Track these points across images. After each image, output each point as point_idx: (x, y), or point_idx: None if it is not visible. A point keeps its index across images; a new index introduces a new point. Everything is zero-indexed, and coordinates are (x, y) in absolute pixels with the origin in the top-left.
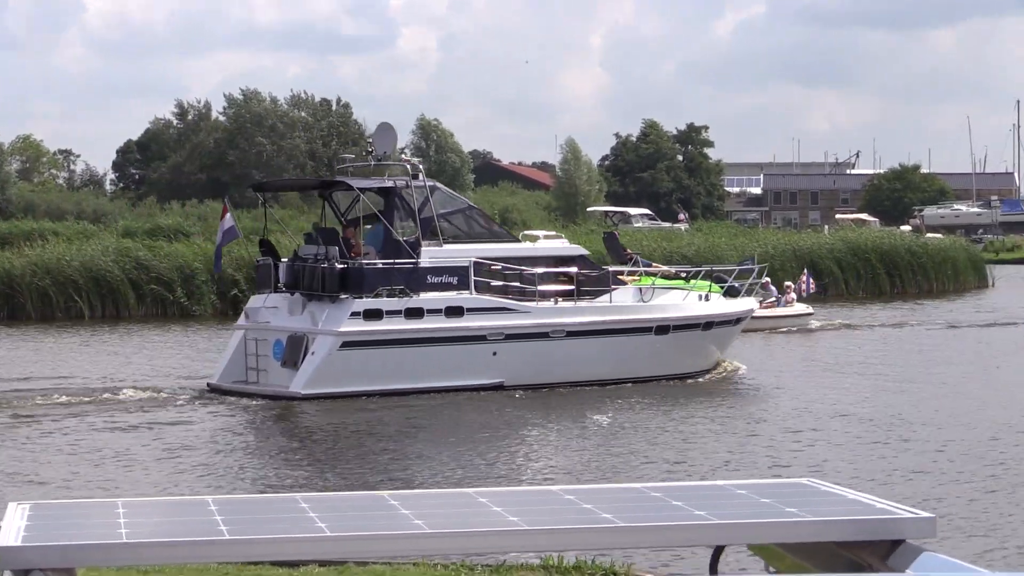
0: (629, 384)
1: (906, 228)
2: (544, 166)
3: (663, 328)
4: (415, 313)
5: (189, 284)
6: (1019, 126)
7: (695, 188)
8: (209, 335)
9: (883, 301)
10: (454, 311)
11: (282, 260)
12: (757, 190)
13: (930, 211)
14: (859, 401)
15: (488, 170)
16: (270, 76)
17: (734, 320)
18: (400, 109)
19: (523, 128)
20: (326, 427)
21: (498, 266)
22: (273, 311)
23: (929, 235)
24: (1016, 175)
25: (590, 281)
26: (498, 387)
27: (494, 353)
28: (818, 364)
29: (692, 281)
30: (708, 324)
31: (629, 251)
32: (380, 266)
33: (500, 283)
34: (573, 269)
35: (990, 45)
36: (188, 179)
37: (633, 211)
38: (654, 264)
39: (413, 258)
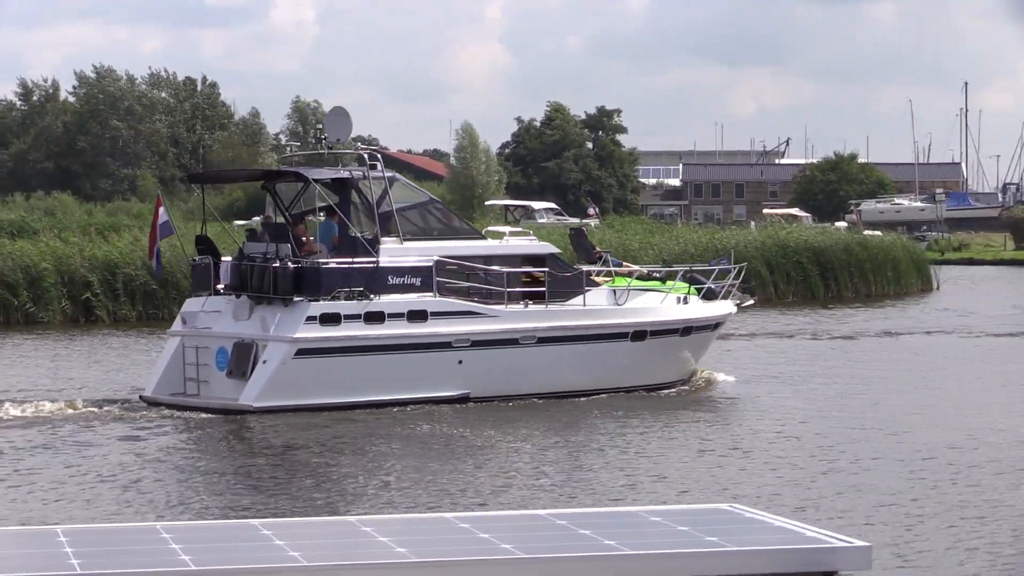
0: (603, 396)
1: (842, 224)
2: (437, 155)
3: (639, 334)
4: (375, 318)
5: (35, 288)
6: (967, 111)
7: (606, 179)
8: (129, 343)
9: (816, 306)
10: (417, 315)
11: (224, 258)
12: (675, 182)
13: (868, 205)
14: (806, 418)
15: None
16: (125, 51)
17: (713, 325)
18: (273, 89)
19: (413, 112)
20: (279, 444)
21: (462, 266)
22: (215, 316)
23: (867, 232)
24: (963, 166)
25: (561, 282)
26: (463, 399)
27: (459, 362)
28: (797, 373)
29: (668, 282)
30: (687, 329)
31: (599, 249)
32: (337, 266)
33: (465, 284)
34: (543, 269)
35: (936, 21)
36: (33, 168)
37: (537, 205)
38: (625, 264)
39: (371, 256)
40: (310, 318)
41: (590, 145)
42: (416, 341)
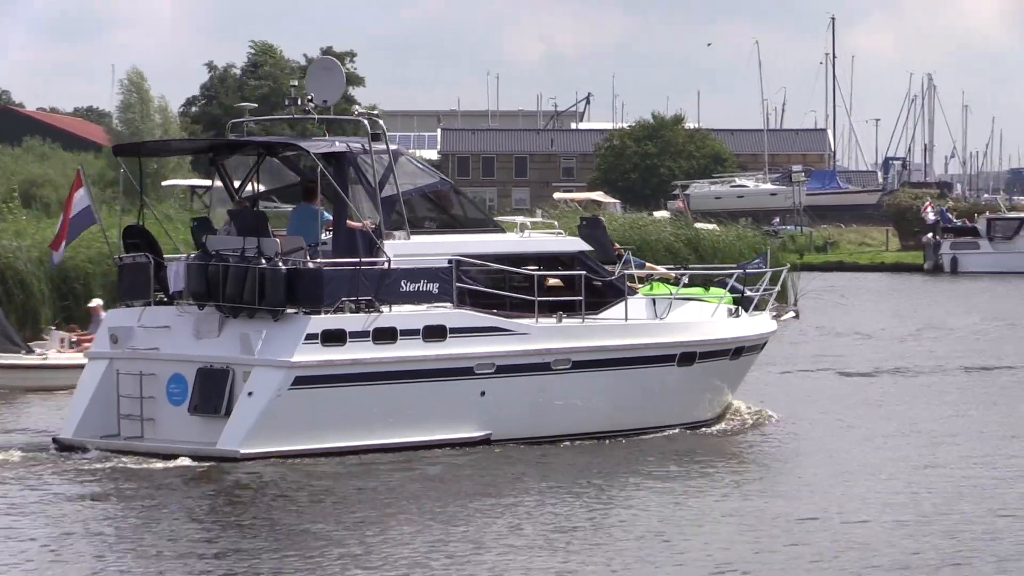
0: (646, 436)
1: (663, 214)
2: (93, 114)
3: (688, 356)
4: (386, 335)
5: None
6: (834, 57)
7: None
8: None
9: None
10: (435, 332)
11: (173, 257)
12: (432, 153)
13: (699, 188)
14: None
15: (5, 120)
16: None
17: (761, 346)
18: None
19: (59, 55)
20: (274, 506)
21: (487, 267)
22: (161, 332)
23: (698, 225)
24: (830, 133)
25: (598, 289)
26: (483, 441)
27: (482, 393)
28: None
29: (713, 289)
30: (738, 351)
31: (618, 246)
32: (341, 268)
33: (493, 292)
34: (579, 272)
35: None
36: None
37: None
38: (648, 264)
39: (372, 255)
40: (310, 336)
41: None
42: (433, 366)
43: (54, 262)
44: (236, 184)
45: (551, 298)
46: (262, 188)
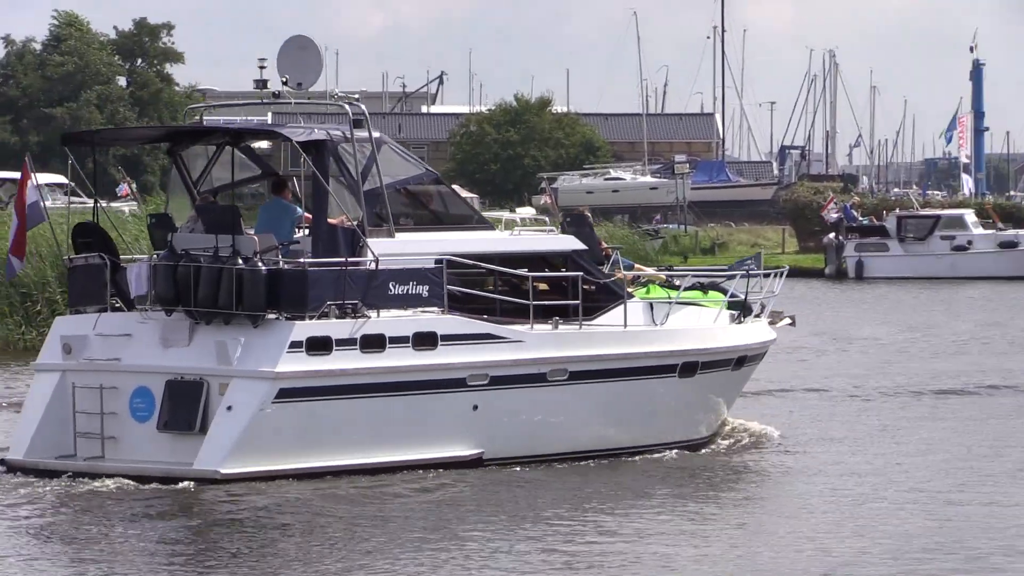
0: (638, 458)
1: (527, 211)
2: None
3: (689, 366)
4: (374, 343)
5: None
6: (723, 31)
7: None
8: None
9: None
10: (425, 340)
11: (129, 258)
12: (263, 143)
13: (569, 181)
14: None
15: None
16: None
17: (762, 355)
18: None
19: None
20: (258, 533)
21: (479, 268)
22: (121, 341)
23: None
24: (718, 119)
25: (593, 293)
26: (475, 462)
27: (475, 407)
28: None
29: (711, 293)
30: (740, 360)
31: (606, 245)
32: (325, 269)
33: (486, 295)
34: (577, 273)
35: None
36: None
37: (45, 179)
38: (637, 266)
39: (355, 255)
40: (294, 344)
41: (124, 82)
42: (423, 377)
43: (15, 271)
44: (194, 177)
45: (547, 302)
46: (220, 181)
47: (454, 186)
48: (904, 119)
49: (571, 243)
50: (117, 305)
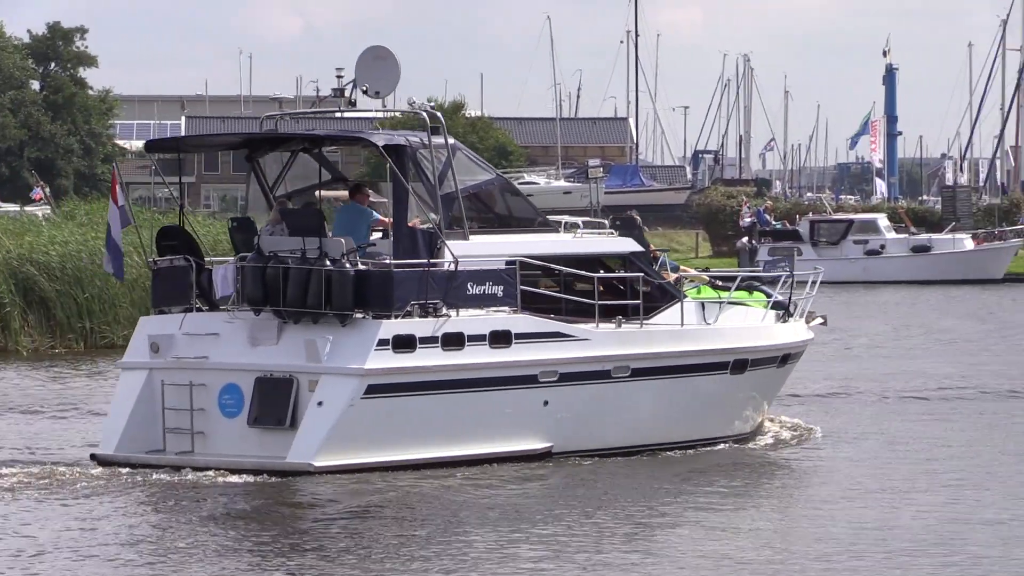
0: (693, 450)
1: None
2: None
3: (740, 364)
4: (454, 341)
5: None
6: (637, 35)
7: (64, 140)
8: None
9: None
10: (500, 338)
11: (217, 259)
12: None
13: None
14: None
15: None
16: None
17: (801, 354)
18: None
19: None
20: (353, 522)
21: (550, 269)
22: (209, 340)
23: None
24: (632, 123)
25: (651, 293)
26: (545, 454)
27: (545, 402)
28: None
29: (756, 293)
30: (785, 358)
31: (654, 247)
32: (410, 271)
33: (556, 296)
34: (638, 274)
35: None
36: None
37: None
38: (683, 268)
39: (432, 257)
40: (382, 342)
41: (37, 85)
42: (499, 374)
43: (119, 275)
44: (271, 181)
45: (610, 301)
46: (292, 187)
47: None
48: (817, 124)
49: (629, 245)
50: (199, 306)
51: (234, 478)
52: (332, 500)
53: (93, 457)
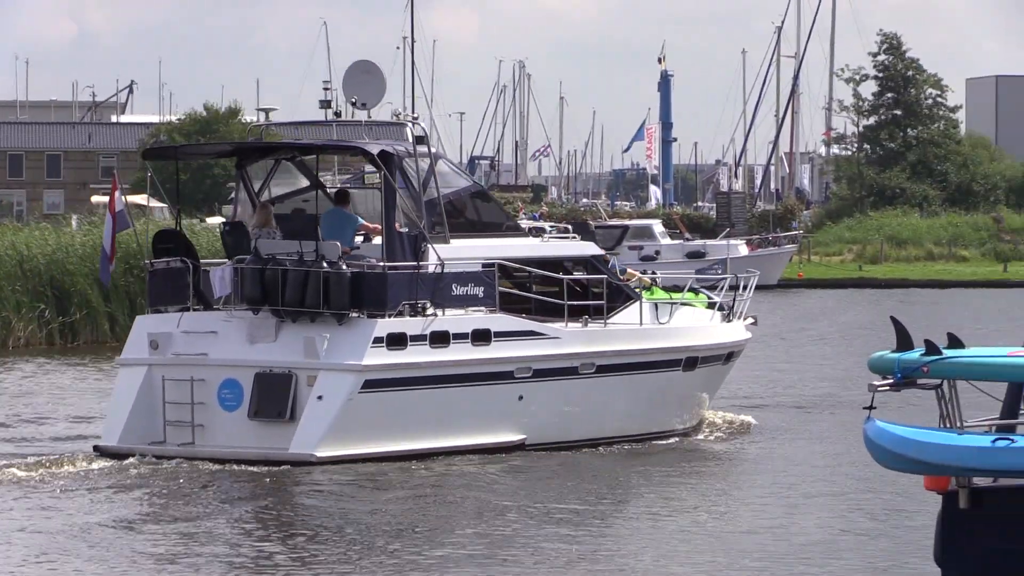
0: (648, 443)
1: (218, 220)
2: None
3: (691, 361)
4: (440, 339)
5: None
6: (413, 41)
7: None
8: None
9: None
10: (481, 336)
11: (210, 262)
12: None
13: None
14: None
15: None
16: None
17: (741, 351)
18: None
19: None
20: (353, 508)
21: (524, 271)
22: (208, 337)
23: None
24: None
25: (610, 294)
26: (518, 446)
27: (520, 397)
28: None
29: (699, 295)
30: (729, 355)
31: (603, 251)
32: (401, 272)
33: (532, 296)
34: (600, 276)
35: None
36: None
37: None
38: (628, 269)
39: (416, 260)
40: (377, 339)
41: None
42: (479, 370)
43: (105, 279)
44: (258, 187)
45: (579, 302)
46: (276, 192)
47: (142, 195)
48: (592, 130)
49: (592, 249)
50: (195, 306)
51: (236, 467)
52: (330, 487)
53: (96, 448)
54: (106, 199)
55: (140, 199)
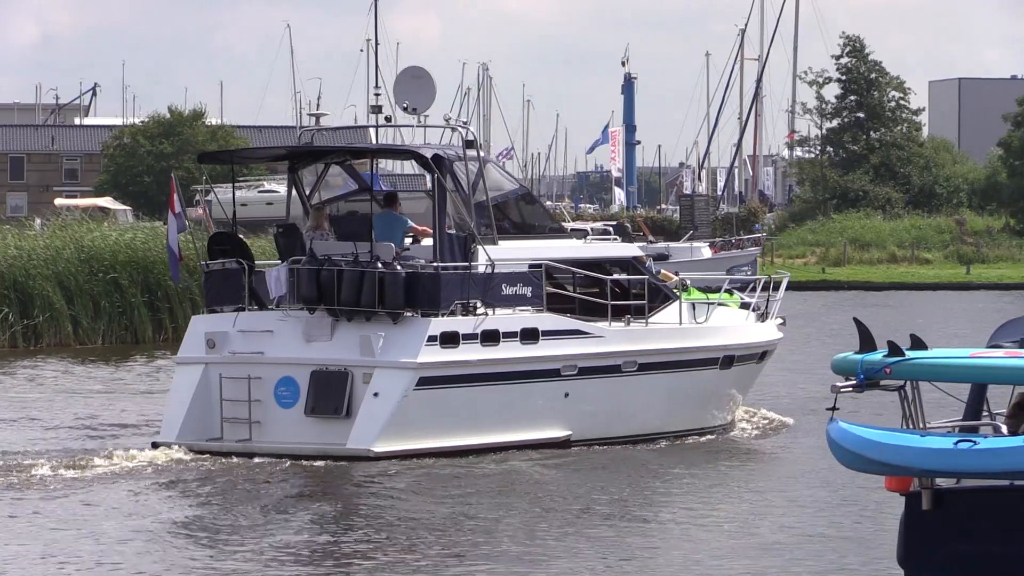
0: (691, 439)
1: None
2: None
3: (728, 359)
4: (491, 337)
5: None
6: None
7: None
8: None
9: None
10: (529, 335)
11: (265, 263)
12: None
13: (223, 193)
14: None
15: None
16: None
17: (774, 351)
18: None
19: None
20: (413, 502)
21: (571, 272)
22: (264, 336)
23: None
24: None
25: (649, 294)
26: (564, 443)
27: (566, 394)
28: None
29: (735, 295)
30: (763, 354)
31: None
32: (454, 273)
33: (577, 296)
34: (642, 276)
35: None
36: None
37: None
38: (663, 271)
39: (467, 260)
40: (431, 338)
41: None
42: (527, 368)
43: (176, 278)
44: (309, 190)
45: (622, 302)
46: (325, 196)
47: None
48: (556, 133)
49: (633, 250)
50: (250, 306)
51: (295, 463)
52: (390, 483)
53: (155, 445)
54: (69, 202)
55: (103, 202)
